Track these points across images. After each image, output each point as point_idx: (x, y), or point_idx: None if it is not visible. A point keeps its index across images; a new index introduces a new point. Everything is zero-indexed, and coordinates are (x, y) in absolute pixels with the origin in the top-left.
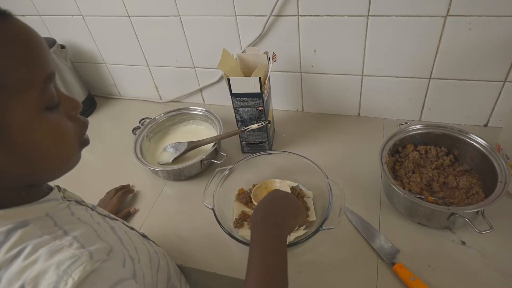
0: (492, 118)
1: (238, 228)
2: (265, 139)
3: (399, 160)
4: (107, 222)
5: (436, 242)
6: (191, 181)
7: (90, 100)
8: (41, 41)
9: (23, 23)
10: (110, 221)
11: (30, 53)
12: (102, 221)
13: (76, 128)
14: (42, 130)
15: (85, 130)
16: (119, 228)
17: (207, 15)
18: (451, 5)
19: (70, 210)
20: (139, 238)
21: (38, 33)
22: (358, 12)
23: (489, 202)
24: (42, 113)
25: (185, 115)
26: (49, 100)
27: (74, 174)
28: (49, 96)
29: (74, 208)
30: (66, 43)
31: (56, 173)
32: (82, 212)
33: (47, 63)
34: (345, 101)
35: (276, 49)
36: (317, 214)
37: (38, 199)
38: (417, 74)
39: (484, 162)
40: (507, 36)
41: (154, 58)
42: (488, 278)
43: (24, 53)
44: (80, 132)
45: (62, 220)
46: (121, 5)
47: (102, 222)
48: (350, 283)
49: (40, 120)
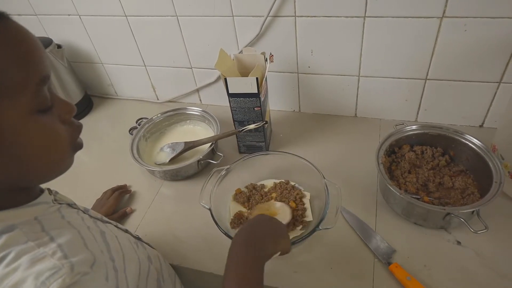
0: (488, 118)
1: (235, 228)
2: (262, 140)
3: (395, 161)
4: (98, 226)
5: (432, 242)
6: (188, 181)
7: (86, 100)
8: (37, 43)
9: (19, 25)
10: (101, 225)
11: (24, 54)
12: (93, 225)
13: (69, 132)
14: (33, 133)
15: (78, 134)
16: (110, 232)
17: (204, 16)
18: (446, 7)
19: (60, 213)
20: (131, 243)
21: (34, 35)
22: (355, 13)
23: (484, 202)
24: (34, 116)
25: (182, 115)
26: (42, 102)
27: (71, 174)
28: (42, 99)
29: (64, 211)
30: (62, 42)
31: (47, 176)
32: (73, 215)
33: (42, 65)
34: (342, 102)
35: (273, 49)
36: (313, 214)
37: (29, 202)
38: (413, 75)
39: (480, 162)
40: (502, 37)
41: (151, 58)
42: (483, 278)
43: (19, 55)
44: (73, 136)
45: (50, 224)
46: (118, 5)
47: (92, 227)
48: (347, 283)
49: (32, 123)
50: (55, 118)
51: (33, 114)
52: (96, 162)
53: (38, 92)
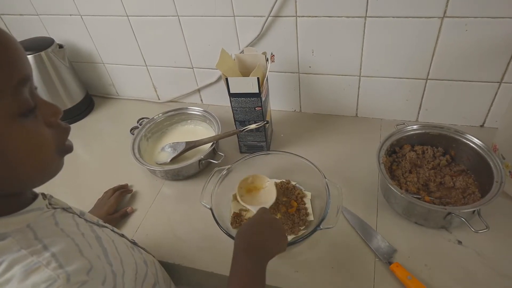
0: (488, 118)
1: (236, 227)
2: (263, 139)
3: (396, 160)
4: (94, 231)
5: (432, 241)
6: (189, 181)
7: (88, 100)
8: (13, 44)
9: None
10: (97, 230)
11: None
12: (88, 230)
13: (55, 135)
14: (16, 137)
15: (66, 137)
16: (106, 237)
17: (205, 16)
18: (447, 7)
19: (54, 219)
20: (127, 247)
21: (10, 35)
22: (356, 13)
23: (485, 202)
24: (16, 120)
25: (183, 115)
26: (23, 105)
27: (72, 175)
28: (23, 102)
29: (59, 217)
30: (64, 42)
31: (36, 181)
32: (68, 221)
33: (20, 66)
34: (343, 102)
35: (274, 49)
36: (315, 214)
37: (21, 209)
38: (414, 75)
39: (480, 162)
40: (503, 37)
41: (152, 58)
42: (484, 277)
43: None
44: (61, 139)
45: (43, 232)
46: (120, 5)
47: (87, 233)
48: (348, 282)
49: (14, 127)
50: (39, 122)
51: (14, 118)
52: (97, 162)
53: (17, 94)
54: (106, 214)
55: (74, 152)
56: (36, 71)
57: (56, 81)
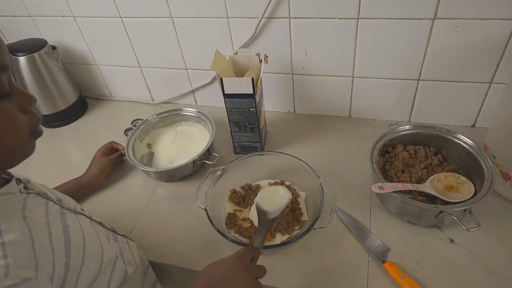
0: (479, 118)
1: (230, 228)
2: (257, 140)
3: (389, 160)
4: (64, 219)
5: (425, 240)
6: (183, 181)
7: (81, 102)
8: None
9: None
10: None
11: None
12: (57, 219)
13: (29, 121)
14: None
15: (37, 124)
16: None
17: (199, 17)
18: (438, 8)
19: (22, 205)
20: (98, 237)
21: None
22: (349, 15)
23: (476, 201)
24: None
25: (177, 116)
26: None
27: (67, 175)
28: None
29: (30, 202)
30: (57, 44)
31: (6, 163)
32: (38, 207)
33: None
34: (336, 102)
35: (268, 50)
36: (309, 214)
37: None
38: (406, 75)
39: (472, 161)
40: (493, 39)
41: (146, 59)
42: (476, 275)
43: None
44: (32, 125)
45: (3, 217)
46: (113, 6)
47: (54, 221)
48: (342, 281)
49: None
50: (14, 106)
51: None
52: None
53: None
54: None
55: (68, 154)
56: (29, 73)
57: (49, 82)
